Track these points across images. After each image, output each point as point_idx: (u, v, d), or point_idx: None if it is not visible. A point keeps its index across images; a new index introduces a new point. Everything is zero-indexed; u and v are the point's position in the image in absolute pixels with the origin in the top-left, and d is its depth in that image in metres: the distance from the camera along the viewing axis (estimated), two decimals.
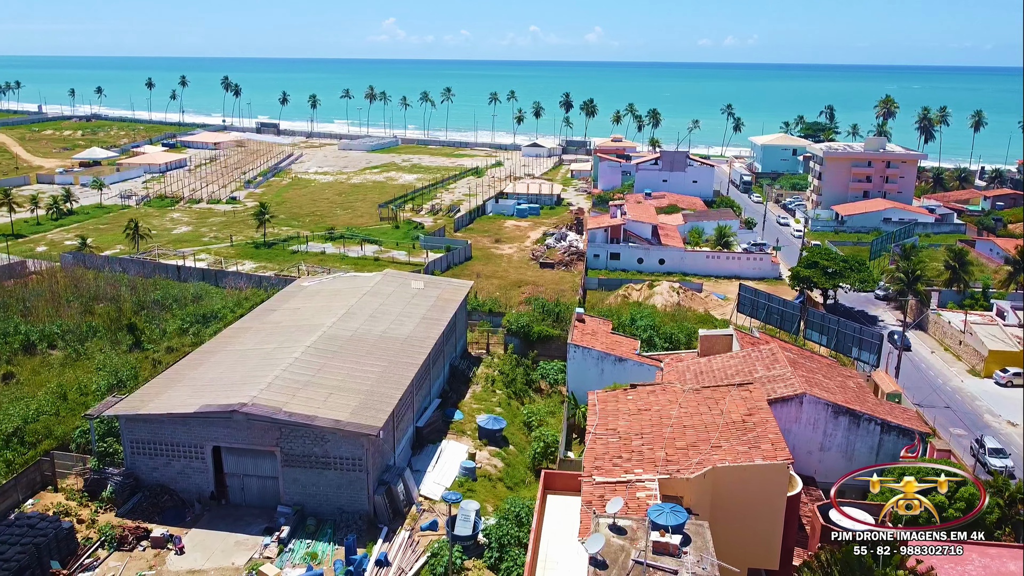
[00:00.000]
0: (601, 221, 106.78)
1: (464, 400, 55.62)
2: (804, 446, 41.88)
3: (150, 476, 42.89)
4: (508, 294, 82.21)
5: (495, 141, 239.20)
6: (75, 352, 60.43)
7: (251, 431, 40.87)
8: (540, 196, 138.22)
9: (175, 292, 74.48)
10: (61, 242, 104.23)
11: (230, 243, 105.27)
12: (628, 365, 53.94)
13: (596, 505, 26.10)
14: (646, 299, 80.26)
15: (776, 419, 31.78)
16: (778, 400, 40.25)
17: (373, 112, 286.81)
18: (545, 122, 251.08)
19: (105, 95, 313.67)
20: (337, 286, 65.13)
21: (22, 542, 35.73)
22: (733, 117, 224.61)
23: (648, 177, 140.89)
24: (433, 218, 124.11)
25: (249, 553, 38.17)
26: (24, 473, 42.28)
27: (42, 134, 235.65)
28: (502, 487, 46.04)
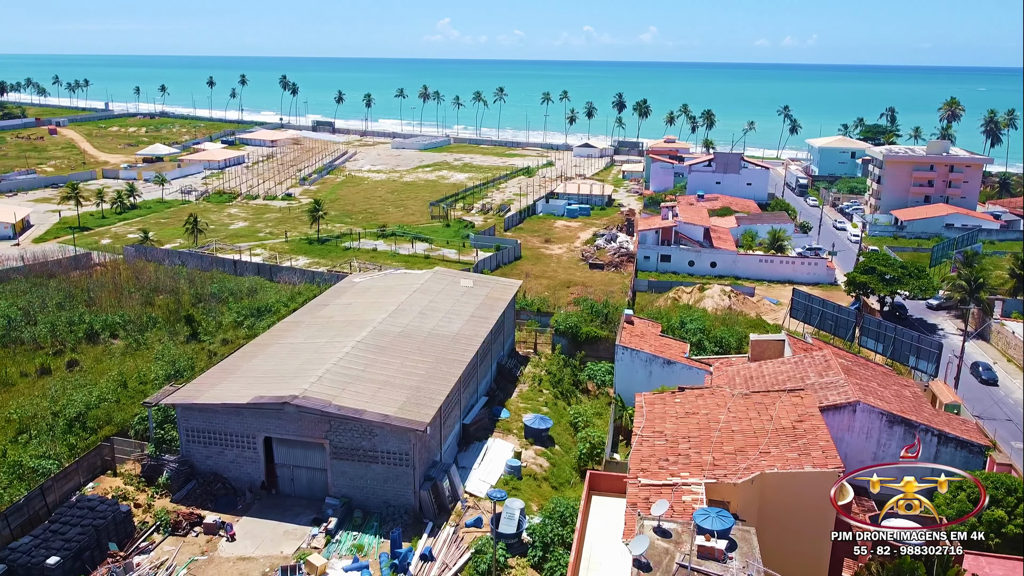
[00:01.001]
0: (652, 223, 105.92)
1: (511, 399, 55.77)
2: (856, 455, 40.93)
3: (204, 464, 44.04)
4: (557, 294, 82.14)
5: (547, 141, 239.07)
6: (135, 342, 62.37)
7: (301, 423, 41.65)
8: (591, 197, 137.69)
9: (231, 286, 76.27)
10: (124, 235, 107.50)
11: (285, 239, 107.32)
12: (677, 368, 53.46)
13: (641, 507, 25.95)
14: (696, 302, 79.37)
15: (828, 427, 31.17)
16: (830, 407, 39.44)
17: (426, 111, 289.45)
18: (597, 123, 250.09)
19: (168, 93, 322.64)
20: (388, 283, 65.92)
21: (83, 524, 37.06)
22: (790, 119, 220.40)
23: (701, 179, 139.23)
24: (483, 217, 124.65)
25: (297, 543, 38.91)
26: (86, 457, 43.83)
27: (108, 131, 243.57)
28: (547, 487, 46.06)
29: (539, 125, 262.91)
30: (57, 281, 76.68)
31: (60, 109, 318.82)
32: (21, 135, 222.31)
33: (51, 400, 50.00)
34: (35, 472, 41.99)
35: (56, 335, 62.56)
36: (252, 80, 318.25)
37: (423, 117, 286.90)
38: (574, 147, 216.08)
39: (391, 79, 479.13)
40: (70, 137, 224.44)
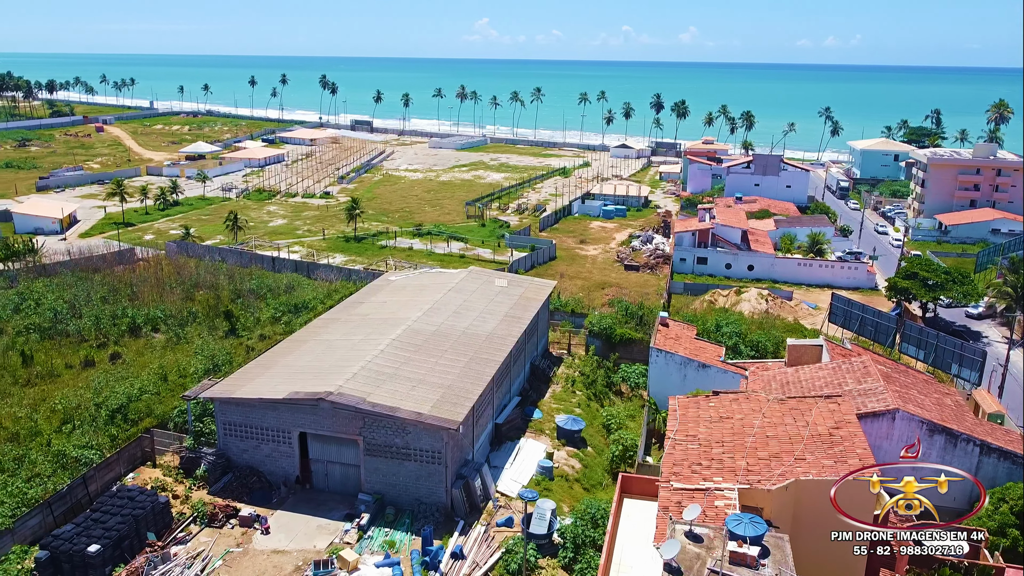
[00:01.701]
0: (689, 224, 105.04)
1: (544, 399, 55.75)
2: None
3: (240, 458, 44.74)
4: (591, 295, 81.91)
5: (583, 141, 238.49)
6: (176, 336, 63.58)
7: (336, 419, 42.10)
8: (627, 198, 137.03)
9: (269, 282, 77.36)
10: (167, 231, 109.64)
11: (322, 236, 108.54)
12: (711, 372, 52.99)
13: (673, 511, 25.79)
14: (733, 305, 78.56)
15: (865, 434, 30.65)
16: (868, 415, 38.77)
17: (463, 111, 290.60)
18: (635, 123, 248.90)
19: (211, 92, 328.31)
20: (423, 281, 66.33)
21: (122, 513, 37.90)
22: (831, 120, 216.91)
23: (739, 181, 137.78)
24: (519, 217, 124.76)
25: (330, 537, 39.35)
26: (127, 448, 44.82)
27: (153, 128, 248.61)
28: (579, 488, 45.97)
29: (576, 125, 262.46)
30: (102, 275, 78.44)
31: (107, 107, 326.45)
32: (69, 132, 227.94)
33: (94, 392, 51.21)
34: (78, 462, 43.03)
35: (100, 328, 64.01)
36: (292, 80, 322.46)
37: (460, 117, 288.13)
38: (611, 148, 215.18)
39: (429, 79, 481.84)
40: (116, 135, 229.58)
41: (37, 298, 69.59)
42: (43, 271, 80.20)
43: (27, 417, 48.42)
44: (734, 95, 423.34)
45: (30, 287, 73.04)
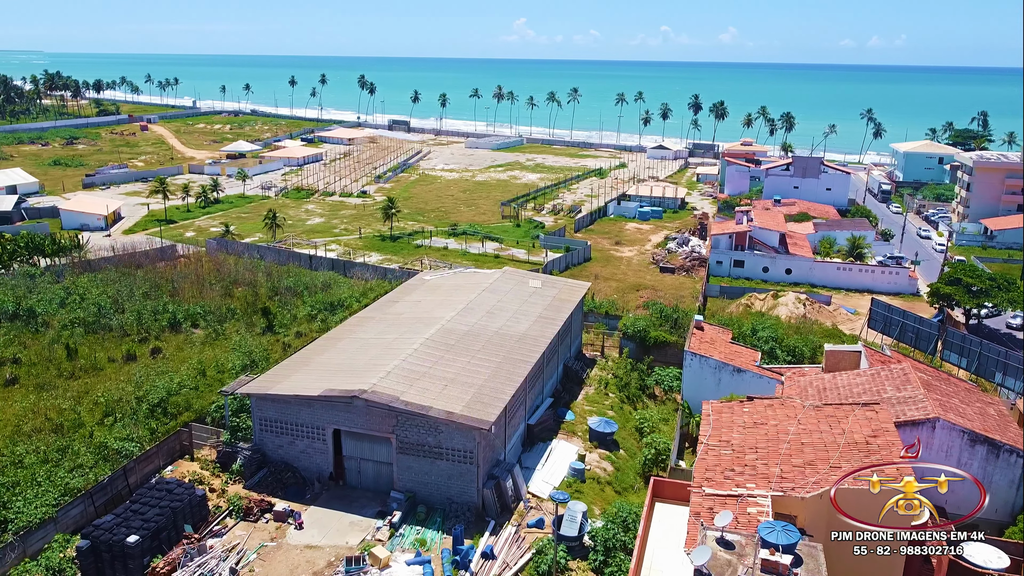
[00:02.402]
0: (726, 227, 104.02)
1: (576, 401, 55.64)
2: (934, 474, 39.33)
3: (275, 453, 45.37)
4: (626, 297, 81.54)
5: (620, 142, 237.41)
6: (215, 332, 64.63)
7: (370, 417, 42.47)
8: (663, 199, 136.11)
9: (306, 280, 78.25)
10: (207, 228, 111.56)
11: (359, 235, 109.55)
12: (747, 376, 52.42)
13: (704, 517, 25.58)
14: (770, 309, 77.60)
15: (903, 443, 30.08)
16: (907, 423, 38.03)
17: (500, 111, 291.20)
18: (672, 124, 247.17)
19: (252, 92, 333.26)
20: (457, 281, 66.60)
21: (161, 505, 38.67)
22: (873, 122, 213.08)
23: (778, 183, 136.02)
24: (554, 218, 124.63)
25: (362, 534, 39.72)
26: (166, 441, 45.71)
27: (195, 127, 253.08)
28: (610, 491, 45.81)
29: (613, 126, 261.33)
30: (144, 271, 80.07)
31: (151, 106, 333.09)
32: (115, 131, 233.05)
33: (135, 385, 52.25)
34: (118, 454, 43.95)
35: (142, 323, 65.33)
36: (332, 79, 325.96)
37: (497, 117, 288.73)
38: (648, 149, 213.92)
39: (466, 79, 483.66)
40: (160, 133, 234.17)
41: (82, 293, 71.26)
42: (88, 267, 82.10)
43: (71, 409, 49.59)
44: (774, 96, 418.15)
45: (75, 282, 74.83)
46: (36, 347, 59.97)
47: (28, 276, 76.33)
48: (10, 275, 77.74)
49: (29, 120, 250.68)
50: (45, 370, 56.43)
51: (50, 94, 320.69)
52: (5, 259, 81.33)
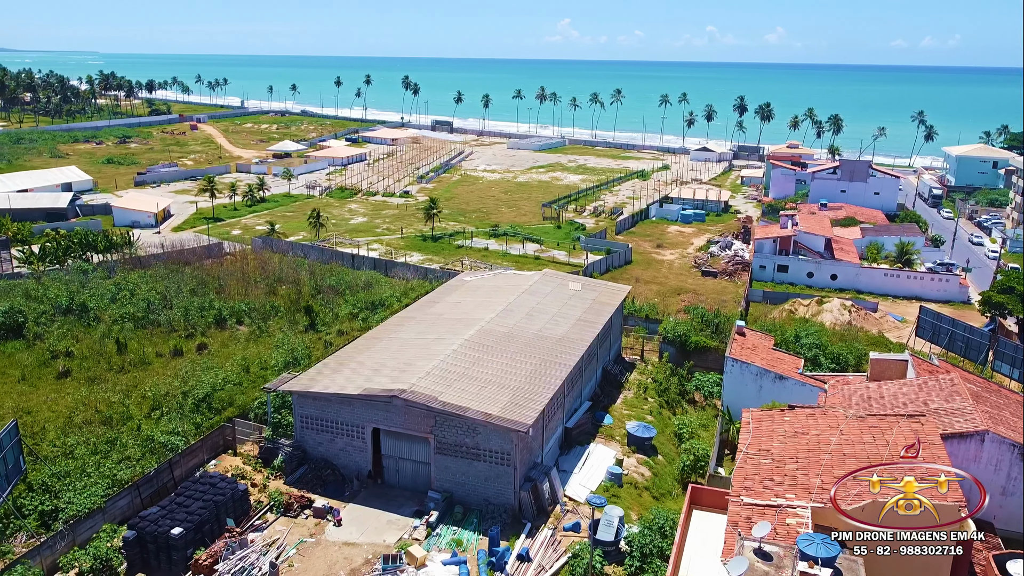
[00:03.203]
0: (770, 231, 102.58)
1: (615, 405, 55.41)
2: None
3: (316, 450, 46.02)
4: (667, 301, 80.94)
5: (663, 144, 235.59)
6: (259, 329, 65.81)
7: (408, 417, 42.84)
8: (706, 202, 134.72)
9: (348, 279, 79.22)
10: (253, 227, 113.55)
11: (400, 235, 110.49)
12: (789, 384, 51.63)
13: (742, 527, 25.29)
14: (814, 316, 76.33)
15: (950, 457, 29.36)
16: (954, 436, 37.05)
17: (542, 112, 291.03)
18: (717, 126, 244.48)
19: (299, 92, 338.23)
20: (497, 283, 66.80)
21: (204, 498, 39.52)
22: (925, 125, 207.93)
23: (824, 187, 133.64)
24: (595, 220, 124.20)
25: (399, 533, 40.09)
26: (210, 436, 46.67)
27: (243, 127, 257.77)
28: (648, 496, 45.54)
29: (656, 128, 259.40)
30: (192, 268, 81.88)
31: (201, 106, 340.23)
32: (166, 130, 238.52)
33: (181, 380, 53.50)
34: (164, 447, 45.02)
35: (188, 319, 66.82)
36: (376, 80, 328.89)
37: (539, 118, 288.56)
38: (691, 151, 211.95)
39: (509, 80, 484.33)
40: (209, 133, 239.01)
41: (132, 289, 73.14)
42: (138, 263, 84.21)
43: (120, 402, 50.94)
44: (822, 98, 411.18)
45: (126, 278, 76.82)
46: (88, 341, 61.73)
47: (81, 272, 78.59)
48: (64, 270, 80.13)
49: (84, 119, 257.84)
50: (96, 363, 58.05)
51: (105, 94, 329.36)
52: (60, 255, 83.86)
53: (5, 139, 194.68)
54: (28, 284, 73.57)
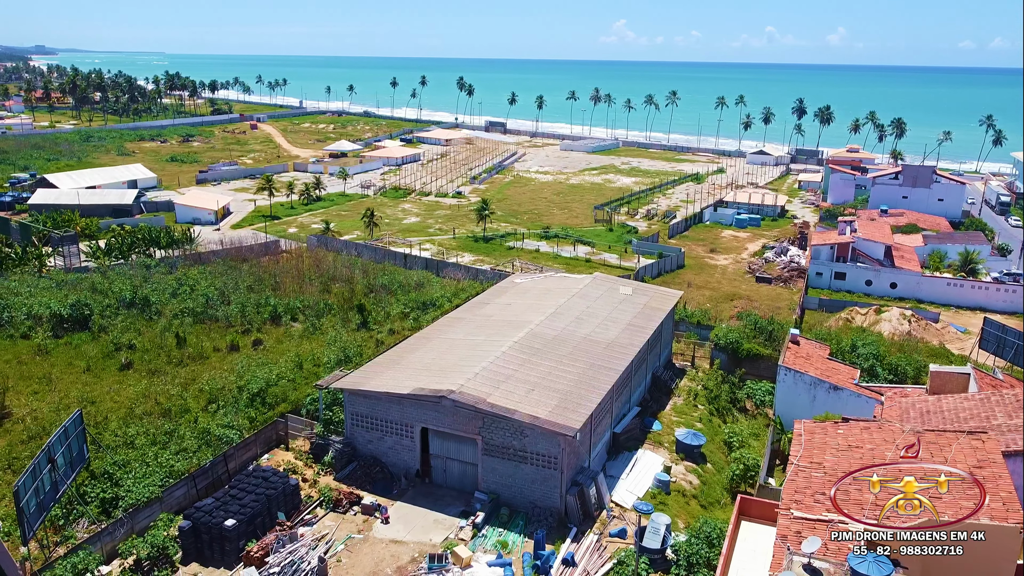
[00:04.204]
0: (828, 237, 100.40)
1: (664, 411, 54.92)
2: None
3: (365, 448, 46.68)
4: (719, 307, 79.87)
5: (718, 147, 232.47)
6: (312, 326, 67.01)
7: (457, 417, 43.15)
8: (762, 207, 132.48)
9: (400, 278, 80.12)
10: (309, 225, 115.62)
11: (452, 235, 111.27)
12: (843, 395, 50.52)
13: (791, 541, 24.85)
14: (871, 325, 74.44)
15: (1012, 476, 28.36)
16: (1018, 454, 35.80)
17: (596, 114, 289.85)
18: (774, 129, 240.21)
19: (355, 92, 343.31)
20: (547, 285, 66.80)
21: (256, 492, 40.43)
22: (994, 129, 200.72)
23: (885, 192, 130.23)
24: (648, 223, 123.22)
25: (446, 532, 40.41)
26: (263, 431, 47.72)
27: (300, 127, 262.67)
28: (695, 505, 45.03)
29: (712, 130, 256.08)
30: (249, 265, 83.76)
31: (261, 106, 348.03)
32: (227, 129, 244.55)
33: (237, 375, 54.79)
34: (219, 440, 46.20)
35: (245, 315, 68.39)
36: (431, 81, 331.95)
37: (593, 120, 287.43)
38: (747, 154, 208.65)
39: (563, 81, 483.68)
40: (268, 132, 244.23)
41: (192, 284, 75.19)
42: (198, 259, 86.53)
43: (178, 395, 52.44)
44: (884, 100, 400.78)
45: (187, 274, 79.02)
46: (149, 334, 63.67)
47: (145, 267, 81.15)
48: (129, 265, 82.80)
49: (150, 118, 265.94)
50: (156, 356, 59.85)
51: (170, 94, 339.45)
52: (125, 250, 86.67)
53: (76, 137, 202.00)
54: (95, 278, 76.24)
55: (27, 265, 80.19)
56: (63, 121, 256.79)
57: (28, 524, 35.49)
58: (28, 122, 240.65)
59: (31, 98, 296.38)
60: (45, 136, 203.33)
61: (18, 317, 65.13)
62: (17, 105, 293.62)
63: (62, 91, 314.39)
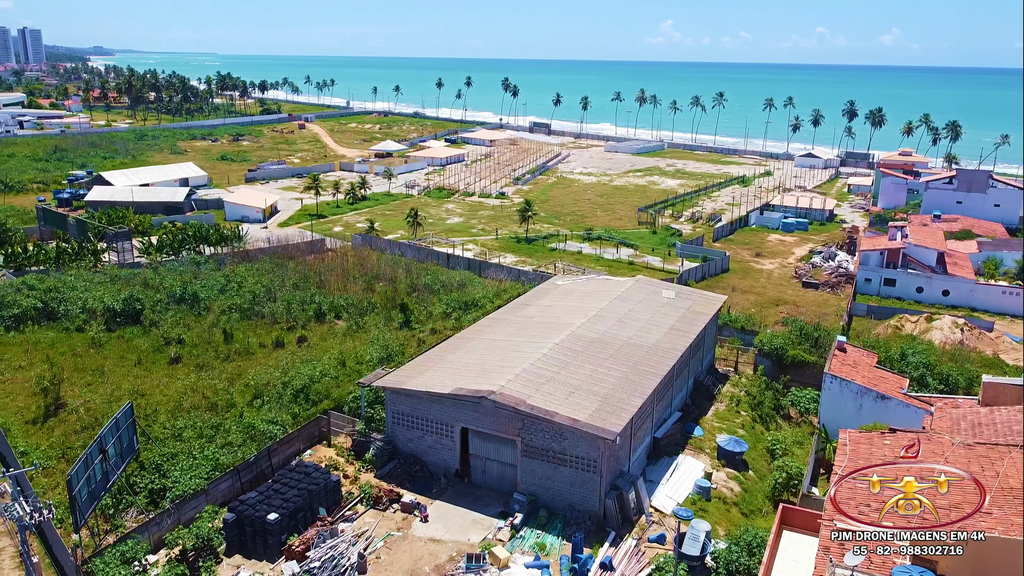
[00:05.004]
0: (877, 242, 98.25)
1: (706, 417, 54.37)
2: None
3: (406, 446, 47.09)
4: (764, 312, 78.73)
5: (766, 149, 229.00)
6: (356, 324, 67.81)
7: (496, 418, 43.28)
8: (810, 211, 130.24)
9: (443, 278, 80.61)
10: (353, 224, 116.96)
11: (495, 236, 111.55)
12: (891, 405, 49.42)
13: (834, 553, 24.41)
14: (922, 333, 72.68)
15: None
16: None
17: (642, 115, 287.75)
18: (824, 131, 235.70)
19: (401, 93, 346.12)
20: (589, 287, 66.60)
21: (299, 487, 41.08)
22: None
23: (939, 197, 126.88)
24: (692, 226, 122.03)
25: (484, 532, 40.56)
26: (306, 427, 48.47)
27: (347, 127, 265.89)
28: (736, 512, 44.49)
29: (759, 133, 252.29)
30: (295, 263, 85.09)
31: (309, 106, 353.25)
32: (276, 129, 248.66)
33: (282, 371, 55.72)
34: (264, 435, 47.03)
35: (290, 313, 69.49)
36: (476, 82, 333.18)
37: (638, 121, 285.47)
38: (796, 157, 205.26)
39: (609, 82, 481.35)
40: (315, 132, 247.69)
41: (240, 281, 76.65)
42: (246, 256, 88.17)
43: (225, 390, 53.53)
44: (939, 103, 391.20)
45: (234, 270, 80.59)
46: (198, 329, 65.11)
47: (194, 263, 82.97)
48: (179, 261, 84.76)
49: (202, 118, 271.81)
50: (204, 351, 61.15)
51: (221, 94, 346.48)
52: (176, 246, 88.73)
53: (131, 136, 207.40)
54: (147, 274, 78.25)
55: (83, 260, 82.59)
56: (119, 120, 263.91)
57: (80, 512, 36.61)
58: (86, 121, 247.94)
59: (89, 98, 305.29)
60: (102, 135, 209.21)
61: (74, 310, 67.17)
62: (76, 105, 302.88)
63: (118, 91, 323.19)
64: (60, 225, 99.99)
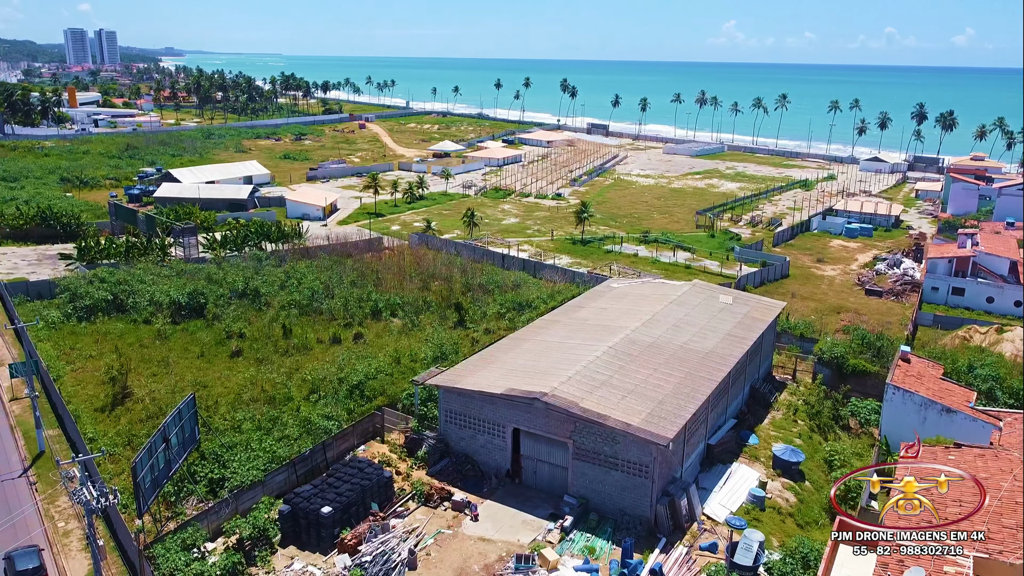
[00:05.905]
0: (946, 250, 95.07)
1: (761, 425, 53.38)
2: None
3: (458, 445, 47.41)
4: (824, 319, 76.88)
5: (830, 153, 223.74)
6: (411, 322, 68.59)
7: (548, 420, 43.25)
8: (875, 216, 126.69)
9: (498, 278, 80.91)
10: (411, 223, 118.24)
11: (550, 237, 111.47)
12: (957, 418, 47.75)
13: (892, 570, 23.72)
14: (992, 345, 70.01)
15: None
16: None
17: (701, 117, 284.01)
18: (891, 135, 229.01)
19: (460, 94, 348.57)
20: (644, 291, 66.03)
21: (352, 481, 41.75)
22: None
23: (1013, 204, 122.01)
24: (751, 230, 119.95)
25: (533, 534, 40.57)
26: (360, 423, 49.21)
27: (406, 127, 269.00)
28: (791, 523, 43.59)
29: (823, 135, 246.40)
30: (353, 261, 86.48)
31: (369, 106, 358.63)
32: (337, 129, 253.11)
33: (338, 367, 56.66)
34: (319, 429, 47.91)
35: (347, 310, 70.65)
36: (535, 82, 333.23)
37: (698, 123, 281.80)
38: (861, 160, 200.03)
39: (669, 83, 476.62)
40: (375, 132, 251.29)
41: (299, 277, 78.24)
42: (306, 253, 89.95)
43: (283, 384, 54.71)
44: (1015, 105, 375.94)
45: (294, 267, 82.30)
46: (258, 324, 66.70)
47: (256, 259, 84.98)
48: (242, 257, 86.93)
49: (266, 117, 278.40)
50: (264, 346, 62.63)
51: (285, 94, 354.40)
52: (238, 243, 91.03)
53: (198, 134, 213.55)
54: (210, 269, 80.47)
55: (151, 255, 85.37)
56: (187, 119, 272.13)
57: (143, 498, 37.85)
58: (156, 120, 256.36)
59: (159, 97, 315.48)
60: (171, 133, 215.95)
61: (141, 303, 69.50)
62: (147, 104, 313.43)
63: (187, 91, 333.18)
64: (130, 220, 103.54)
